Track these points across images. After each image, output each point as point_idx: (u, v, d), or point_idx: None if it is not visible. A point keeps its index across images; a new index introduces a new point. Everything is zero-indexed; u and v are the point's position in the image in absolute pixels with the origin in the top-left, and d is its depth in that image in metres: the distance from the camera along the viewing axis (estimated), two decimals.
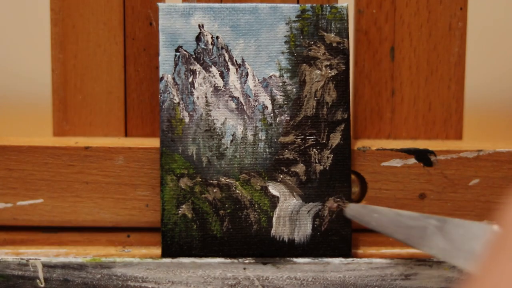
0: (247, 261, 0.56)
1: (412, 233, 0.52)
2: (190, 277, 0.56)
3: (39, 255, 0.57)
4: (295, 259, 0.56)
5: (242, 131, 0.56)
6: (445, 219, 0.52)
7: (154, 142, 0.58)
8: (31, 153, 0.57)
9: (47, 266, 0.56)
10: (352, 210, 0.56)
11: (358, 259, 0.56)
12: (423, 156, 0.57)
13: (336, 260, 0.56)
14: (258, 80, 0.56)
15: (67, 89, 0.59)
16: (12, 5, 1.00)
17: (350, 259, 0.56)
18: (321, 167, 0.56)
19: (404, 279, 0.56)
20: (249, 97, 0.56)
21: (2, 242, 0.58)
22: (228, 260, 0.56)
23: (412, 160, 0.57)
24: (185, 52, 0.56)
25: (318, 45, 0.56)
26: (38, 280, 0.56)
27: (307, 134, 0.56)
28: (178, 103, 0.56)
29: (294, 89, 0.56)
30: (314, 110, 0.56)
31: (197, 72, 0.56)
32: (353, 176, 0.57)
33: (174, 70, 0.56)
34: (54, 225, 0.58)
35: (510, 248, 0.33)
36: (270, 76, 0.56)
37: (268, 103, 0.56)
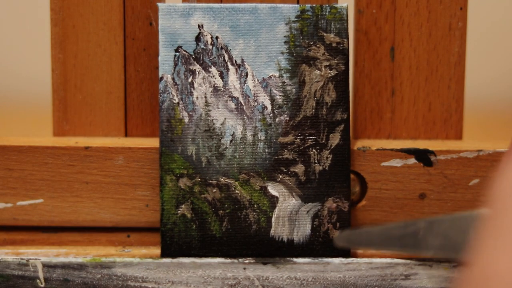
0: (247, 261, 0.56)
1: (406, 241, 0.52)
2: (190, 277, 0.56)
3: (39, 255, 0.57)
4: (295, 259, 0.56)
5: (242, 131, 0.56)
6: (432, 219, 0.52)
7: (154, 142, 0.58)
8: (31, 153, 0.57)
9: (47, 266, 0.56)
10: (341, 238, 0.55)
11: (358, 259, 0.56)
12: (423, 156, 0.57)
13: (336, 260, 0.56)
14: (258, 80, 0.56)
15: (67, 89, 0.59)
16: (12, 5, 1.00)
17: (350, 259, 0.56)
18: (321, 168, 0.56)
19: (404, 279, 0.56)
20: (249, 97, 0.56)
21: (2, 242, 0.58)
22: (228, 260, 0.56)
23: (412, 160, 0.57)
24: (185, 52, 0.56)
25: (318, 45, 0.56)
26: (38, 280, 0.56)
27: (307, 134, 0.56)
28: (178, 103, 0.56)
29: (294, 90, 0.56)
30: (313, 110, 0.56)
31: (197, 72, 0.56)
32: (353, 176, 0.57)
33: (174, 70, 0.56)
34: (54, 225, 0.58)
35: (501, 224, 0.33)
36: (270, 76, 0.56)
37: (267, 103, 0.56)
